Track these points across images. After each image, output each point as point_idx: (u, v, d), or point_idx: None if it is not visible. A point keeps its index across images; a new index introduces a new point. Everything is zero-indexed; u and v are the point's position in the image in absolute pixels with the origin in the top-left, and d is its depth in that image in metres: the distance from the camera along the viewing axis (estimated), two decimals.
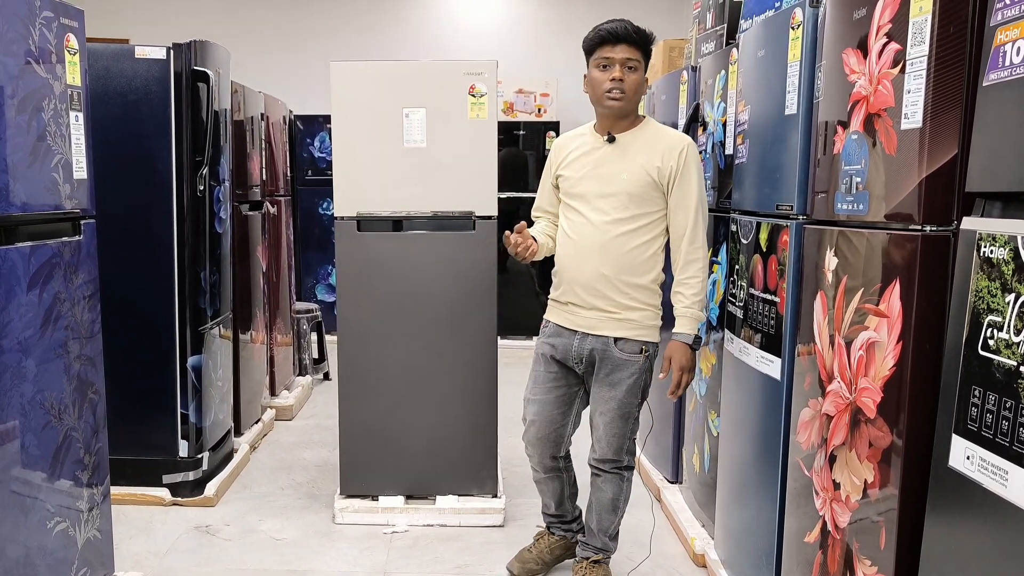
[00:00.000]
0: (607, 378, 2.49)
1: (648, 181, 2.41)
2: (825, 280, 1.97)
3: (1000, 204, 1.46)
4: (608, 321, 2.46)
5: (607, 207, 2.43)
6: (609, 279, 2.44)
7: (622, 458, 2.57)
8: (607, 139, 2.48)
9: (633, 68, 2.40)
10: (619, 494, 2.61)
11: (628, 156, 2.45)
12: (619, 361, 2.47)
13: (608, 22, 2.42)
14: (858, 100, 1.84)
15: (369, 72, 3.14)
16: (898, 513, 1.65)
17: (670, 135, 2.50)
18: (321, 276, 6.67)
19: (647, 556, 2.86)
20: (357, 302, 3.19)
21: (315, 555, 2.97)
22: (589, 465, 2.64)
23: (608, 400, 2.50)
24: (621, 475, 2.60)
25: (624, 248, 2.43)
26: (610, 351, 2.47)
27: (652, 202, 2.44)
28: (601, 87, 2.41)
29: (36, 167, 2.08)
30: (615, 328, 2.46)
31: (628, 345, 2.46)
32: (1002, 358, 1.35)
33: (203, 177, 3.33)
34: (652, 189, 2.42)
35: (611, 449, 2.55)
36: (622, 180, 2.42)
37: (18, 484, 2.04)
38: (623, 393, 2.49)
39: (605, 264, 2.43)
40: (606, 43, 2.39)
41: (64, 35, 2.20)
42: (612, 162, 2.46)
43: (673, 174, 2.42)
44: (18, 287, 2.02)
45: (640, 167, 2.42)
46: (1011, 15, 1.38)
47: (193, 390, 3.36)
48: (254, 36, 7.08)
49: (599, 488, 2.62)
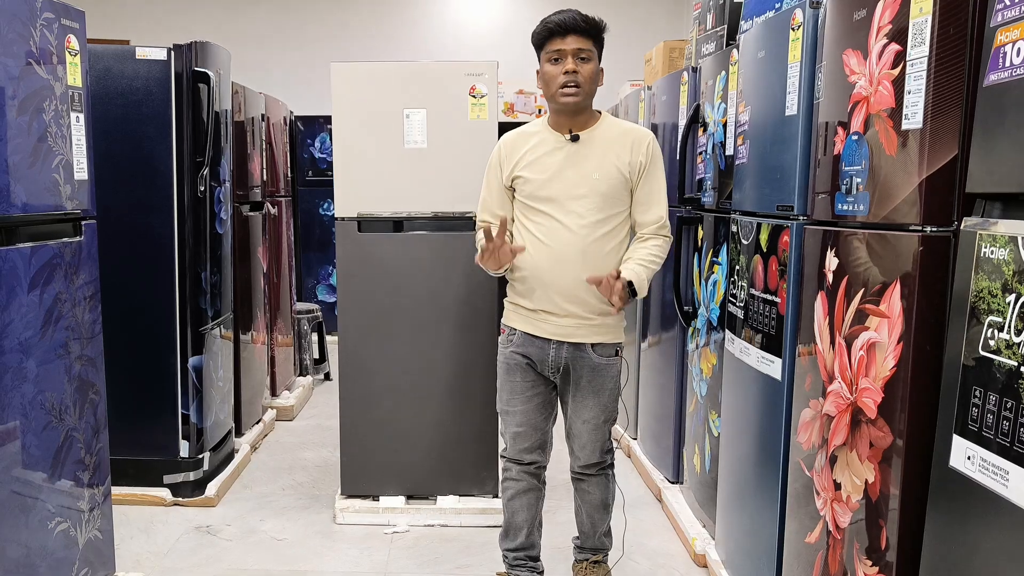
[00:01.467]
0: (590, 385, 2.44)
1: (619, 179, 2.37)
2: (826, 280, 1.97)
3: (1000, 205, 1.46)
4: (584, 328, 2.39)
5: (582, 210, 2.35)
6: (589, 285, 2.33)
7: (605, 458, 2.55)
8: (570, 138, 2.38)
9: (585, 59, 2.32)
10: (607, 493, 2.59)
11: (596, 154, 2.37)
12: (598, 366, 2.42)
13: (556, 13, 2.33)
14: (858, 101, 1.84)
15: (370, 73, 3.15)
16: (899, 513, 1.65)
17: (632, 129, 2.45)
18: (322, 276, 6.67)
19: (646, 555, 2.85)
20: (357, 302, 3.19)
21: (316, 555, 2.98)
22: (572, 473, 2.59)
23: (593, 407, 2.46)
24: (607, 474, 2.57)
25: (602, 251, 2.37)
26: (588, 357, 2.41)
27: (621, 201, 2.39)
28: (555, 81, 2.32)
29: (37, 168, 2.09)
30: (591, 334, 2.40)
31: (605, 349, 2.43)
32: (1002, 358, 1.35)
33: (204, 178, 3.33)
34: (622, 187, 2.38)
35: (596, 453, 2.51)
36: (594, 180, 2.35)
37: (19, 484, 2.04)
38: (606, 398, 2.46)
39: (586, 270, 2.32)
40: (555, 35, 2.31)
41: (65, 36, 2.20)
42: (580, 162, 2.37)
43: (642, 168, 2.38)
44: (19, 288, 2.02)
45: (611, 165, 2.36)
46: (1011, 16, 1.39)
47: (194, 390, 3.36)
48: (255, 37, 7.09)
49: (587, 492, 2.57)
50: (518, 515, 2.57)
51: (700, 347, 3.13)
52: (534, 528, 2.59)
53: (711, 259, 3.02)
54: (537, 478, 2.57)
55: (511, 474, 2.57)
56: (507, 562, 2.62)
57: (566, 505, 3.39)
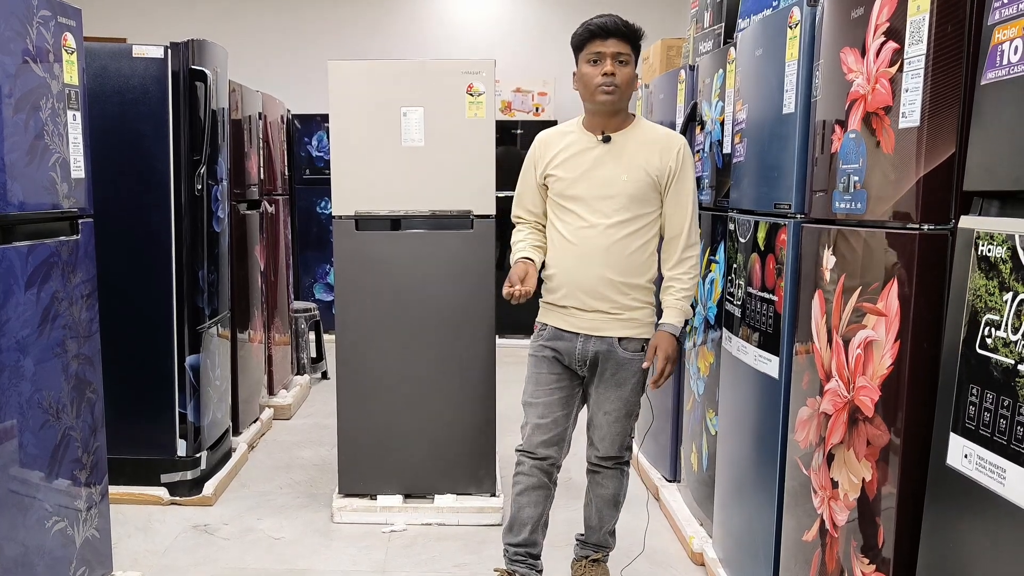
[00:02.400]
0: (613, 378, 2.48)
1: (648, 182, 2.40)
2: (823, 279, 1.97)
3: (998, 203, 1.46)
4: (611, 322, 2.44)
5: (608, 209, 2.40)
6: (613, 282, 2.41)
7: (623, 454, 2.58)
8: (602, 139, 2.44)
9: (624, 62, 2.37)
10: (620, 489, 2.62)
11: (626, 156, 2.42)
12: (624, 360, 2.46)
13: (597, 17, 2.38)
14: (856, 99, 1.84)
15: (367, 71, 3.14)
16: (896, 511, 1.66)
17: (665, 134, 2.48)
18: (319, 275, 6.66)
19: (641, 552, 2.86)
20: (355, 301, 3.19)
21: (313, 554, 2.98)
22: (589, 463, 2.63)
23: (615, 400, 2.49)
24: (622, 470, 2.61)
25: (627, 251, 2.41)
26: (614, 351, 2.45)
27: (650, 203, 2.43)
28: (593, 82, 2.37)
29: (34, 166, 2.08)
30: (619, 328, 2.45)
31: (632, 344, 2.46)
32: (1000, 356, 1.35)
33: (201, 176, 3.33)
34: (651, 190, 2.41)
35: (615, 446, 2.55)
36: (623, 182, 2.40)
37: (16, 483, 2.03)
38: (629, 392, 2.49)
39: (609, 268, 2.40)
40: (596, 38, 2.36)
41: (62, 34, 2.20)
42: (609, 163, 2.42)
43: (672, 173, 2.41)
44: (16, 286, 2.02)
45: (640, 168, 2.40)
46: (1009, 14, 1.39)
47: (191, 389, 3.36)
48: (252, 35, 7.08)
49: (600, 485, 2.62)
50: (524, 511, 2.57)
51: (697, 345, 3.13)
52: (538, 527, 2.59)
53: (708, 257, 3.02)
54: (549, 476, 2.57)
55: (523, 468, 2.57)
56: (507, 556, 2.61)
57: (563, 503, 3.40)
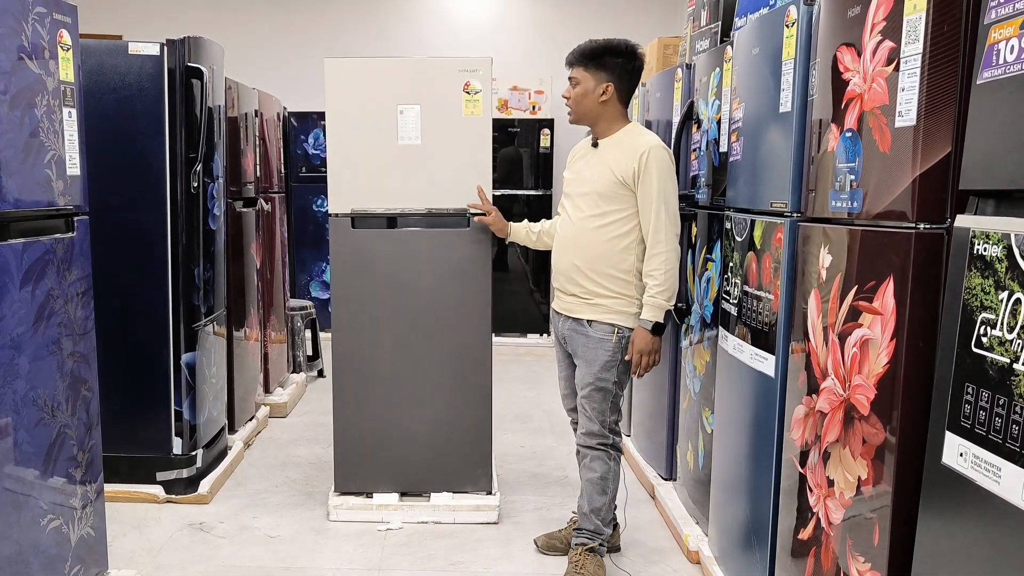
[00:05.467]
0: (583, 355, 2.71)
1: (614, 181, 2.62)
2: (819, 277, 1.97)
3: (993, 202, 1.46)
4: (582, 305, 2.71)
5: (583, 205, 2.70)
6: (581, 269, 2.69)
7: (606, 435, 2.71)
8: (592, 144, 2.76)
9: (575, 83, 2.69)
10: (607, 472, 2.73)
11: (603, 159, 2.68)
12: (592, 339, 2.68)
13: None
14: (852, 98, 1.84)
15: (363, 69, 3.14)
16: (891, 510, 1.66)
17: (639, 140, 2.65)
18: (315, 273, 6.65)
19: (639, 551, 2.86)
20: (351, 299, 3.18)
21: (309, 552, 2.97)
22: (577, 447, 2.78)
23: (585, 376, 2.71)
24: (607, 452, 2.73)
25: (597, 241, 2.67)
26: (584, 330, 2.70)
27: (621, 199, 2.64)
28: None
29: (29, 163, 2.08)
30: (587, 311, 2.70)
31: (600, 327, 2.67)
32: (995, 355, 1.35)
33: (197, 174, 3.32)
34: (619, 188, 2.63)
35: (593, 423, 2.70)
36: (594, 181, 2.67)
37: (11, 481, 2.03)
38: (598, 368, 2.67)
39: (577, 255, 2.70)
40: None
41: (57, 31, 2.19)
42: (592, 165, 2.71)
43: (636, 175, 2.60)
44: (11, 284, 2.01)
45: (608, 168, 2.64)
46: (1004, 13, 1.39)
47: (187, 387, 3.36)
48: (248, 32, 7.06)
49: (588, 468, 2.75)
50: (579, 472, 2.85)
51: (693, 344, 3.14)
52: (582, 488, 2.81)
53: (705, 256, 3.03)
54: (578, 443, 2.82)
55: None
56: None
57: (563, 502, 3.40)
